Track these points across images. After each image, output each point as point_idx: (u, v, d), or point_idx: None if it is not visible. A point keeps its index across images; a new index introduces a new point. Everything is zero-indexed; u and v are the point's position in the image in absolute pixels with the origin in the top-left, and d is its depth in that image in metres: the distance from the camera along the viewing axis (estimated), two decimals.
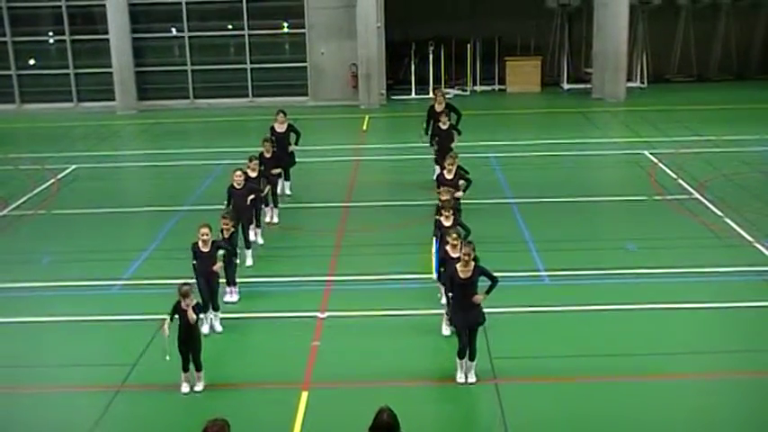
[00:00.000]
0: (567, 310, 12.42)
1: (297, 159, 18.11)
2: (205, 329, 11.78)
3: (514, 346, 11.34)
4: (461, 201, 14.02)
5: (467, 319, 10.30)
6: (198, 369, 10.46)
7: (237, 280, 13.01)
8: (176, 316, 10.26)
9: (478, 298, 10.29)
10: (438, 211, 12.58)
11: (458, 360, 10.46)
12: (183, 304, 10.17)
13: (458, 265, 10.24)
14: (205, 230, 11.76)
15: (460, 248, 10.57)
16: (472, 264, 10.23)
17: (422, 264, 13.80)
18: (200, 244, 11.76)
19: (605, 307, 12.42)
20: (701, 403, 10.00)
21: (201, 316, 10.48)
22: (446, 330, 11.53)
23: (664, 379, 10.48)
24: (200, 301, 11.58)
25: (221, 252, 12.08)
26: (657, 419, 9.60)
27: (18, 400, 10.51)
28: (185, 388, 10.44)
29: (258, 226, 15.21)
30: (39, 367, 11.31)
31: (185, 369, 10.40)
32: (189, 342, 10.31)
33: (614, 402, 10.01)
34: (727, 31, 31.94)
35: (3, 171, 21.53)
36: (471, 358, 10.44)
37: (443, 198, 12.89)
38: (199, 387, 10.49)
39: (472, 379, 10.46)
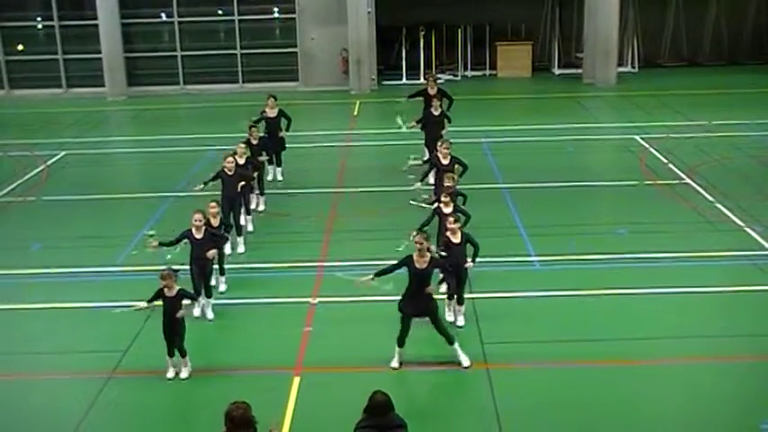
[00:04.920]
0: (558, 295, 12.44)
1: (288, 145, 18.06)
2: (196, 312, 11.76)
3: (505, 332, 11.37)
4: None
5: (417, 309, 10.35)
6: (182, 355, 10.44)
7: (229, 266, 13.00)
8: (160, 302, 10.26)
9: (431, 288, 10.33)
10: (438, 198, 12.58)
11: (397, 348, 10.46)
12: (165, 290, 10.15)
13: (414, 255, 10.26)
14: (198, 216, 11.73)
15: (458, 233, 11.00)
16: (428, 255, 10.28)
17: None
18: (194, 230, 11.73)
19: (596, 292, 12.45)
20: (692, 387, 10.06)
21: (187, 302, 10.44)
22: (449, 316, 11.55)
23: (655, 363, 10.52)
24: (193, 286, 11.59)
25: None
26: (649, 404, 9.64)
27: (9, 387, 10.50)
28: (170, 373, 10.43)
29: (248, 213, 15.19)
30: (30, 354, 11.28)
31: (170, 354, 10.39)
32: (173, 328, 10.30)
33: (605, 387, 10.05)
34: (717, 16, 31.93)
35: None
36: (451, 342, 10.44)
37: (446, 184, 12.89)
38: (184, 374, 10.45)
39: (466, 362, 10.46)
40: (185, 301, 10.34)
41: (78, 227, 16.02)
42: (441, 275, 10.45)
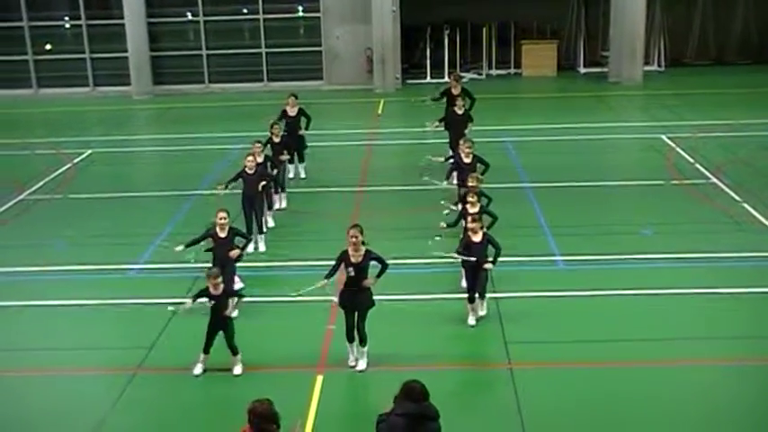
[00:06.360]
0: (581, 295, 12.38)
1: (312, 143, 18.10)
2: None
3: (529, 331, 11.33)
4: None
5: (354, 303, 10.40)
6: (234, 353, 10.46)
7: (253, 264, 13.03)
8: (204, 300, 10.28)
9: (368, 282, 10.37)
10: (464, 200, 12.55)
11: (347, 344, 10.51)
12: (211, 289, 10.17)
13: (349, 250, 10.31)
14: (223, 215, 11.75)
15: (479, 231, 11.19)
16: (363, 249, 10.29)
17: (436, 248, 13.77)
18: (218, 229, 11.76)
19: (621, 292, 12.37)
20: (717, 389, 9.97)
21: (234, 300, 10.47)
22: (472, 320, 11.52)
23: (679, 364, 10.43)
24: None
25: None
26: (673, 405, 9.57)
27: (35, 382, 10.59)
28: (198, 369, 10.45)
29: (269, 208, 15.23)
30: (56, 350, 11.39)
31: (206, 351, 10.41)
32: (221, 326, 10.33)
33: (629, 387, 9.98)
34: (745, 14, 31.58)
35: (19, 156, 21.65)
36: (362, 343, 10.49)
37: (470, 184, 12.88)
38: (237, 370, 10.46)
39: (362, 365, 10.48)
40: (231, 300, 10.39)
41: (104, 224, 16.14)
42: (380, 268, 10.46)
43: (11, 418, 9.78)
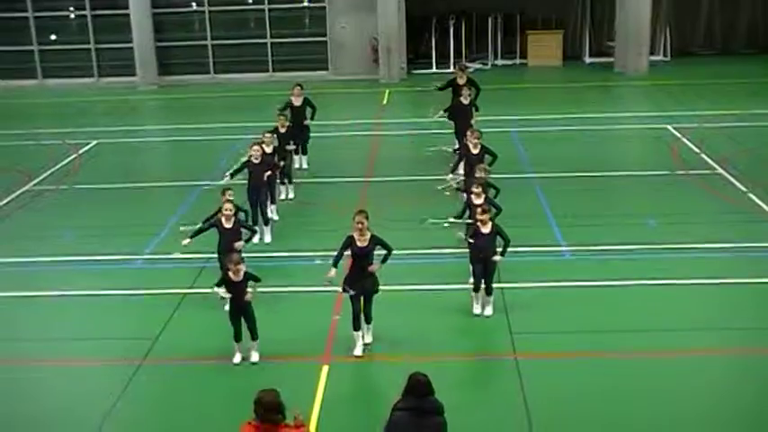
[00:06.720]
0: (587, 285, 12.38)
1: (317, 134, 18.08)
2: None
3: (535, 322, 11.34)
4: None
5: (363, 287, 10.54)
6: (253, 338, 10.49)
7: (259, 255, 13.05)
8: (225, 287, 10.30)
9: (374, 267, 10.52)
10: (469, 191, 12.55)
11: (353, 332, 10.60)
12: (231, 275, 10.16)
13: (354, 235, 10.46)
14: (229, 206, 11.76)
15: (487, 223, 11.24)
16: (368, 234, 10.44)
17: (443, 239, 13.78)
18: (223, 219, 11.77)
19: (626, 282, 12.36)
20: (721, 379, 9.99)
21: (251, 288, 10.49)
22: (477, 309, 11.55)
23: (685, 355, 10.44)
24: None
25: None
26: (678, 395, 9.57)
27: (41, 373, 10.63)
28: (237, 358, 10.50)
29: (273, 202, 15.22)
30: (62, 341, 11.43)
31: (237, 339, 10.46)
32: (243, 312, 10.35)
33: (634, 378, 9.98)
34: (753, 3, 31.43)
35: (25, 146, 21.67)
36: (368, 321, 10.67)
37: (477, 175, 12.88)
38: (254, 358, 10.51)
39: (369, 339, 10.71)
40: (249, 288, 10.38)
41: (110, 215, 16.17)
42: (384, 253, 10.61)
43: (15, 409, 9.81)
